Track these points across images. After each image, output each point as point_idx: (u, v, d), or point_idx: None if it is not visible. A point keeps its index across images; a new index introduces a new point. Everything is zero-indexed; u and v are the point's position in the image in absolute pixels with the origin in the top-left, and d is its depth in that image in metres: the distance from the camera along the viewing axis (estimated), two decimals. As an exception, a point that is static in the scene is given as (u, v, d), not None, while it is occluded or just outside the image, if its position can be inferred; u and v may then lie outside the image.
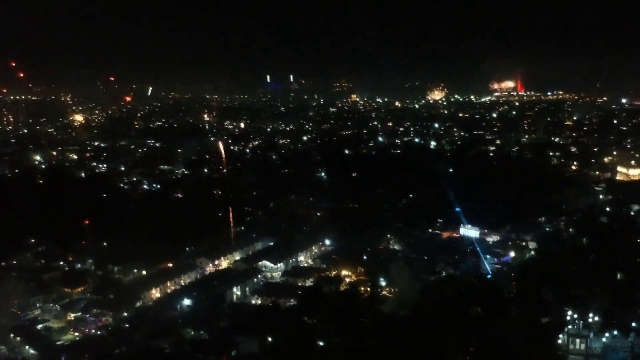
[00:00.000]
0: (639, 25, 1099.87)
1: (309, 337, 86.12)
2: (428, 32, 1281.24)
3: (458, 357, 78.08)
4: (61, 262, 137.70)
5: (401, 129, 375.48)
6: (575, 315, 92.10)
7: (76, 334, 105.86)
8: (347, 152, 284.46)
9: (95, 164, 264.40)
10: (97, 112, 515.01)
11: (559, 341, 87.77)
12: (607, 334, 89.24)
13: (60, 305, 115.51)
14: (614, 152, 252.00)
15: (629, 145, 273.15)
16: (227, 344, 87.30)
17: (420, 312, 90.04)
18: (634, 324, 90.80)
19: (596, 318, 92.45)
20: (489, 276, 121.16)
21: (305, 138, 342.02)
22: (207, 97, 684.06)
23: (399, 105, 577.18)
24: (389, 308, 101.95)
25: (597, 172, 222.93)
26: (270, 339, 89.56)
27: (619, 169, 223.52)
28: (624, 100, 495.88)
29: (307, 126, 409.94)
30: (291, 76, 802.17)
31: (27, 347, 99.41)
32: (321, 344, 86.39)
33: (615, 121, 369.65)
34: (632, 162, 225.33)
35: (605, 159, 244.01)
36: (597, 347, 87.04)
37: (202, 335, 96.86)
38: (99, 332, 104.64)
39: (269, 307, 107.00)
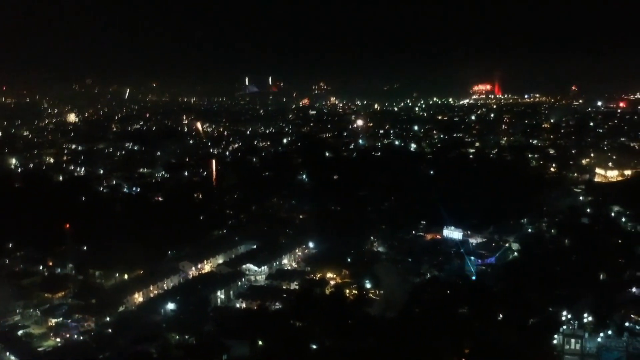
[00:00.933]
0: (611, 29, 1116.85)
1: (298, 341, 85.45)
2: (406, 35, 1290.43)
3: (452, 358, 77.90)
4: (41, 267, 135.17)
5: (381, 131, 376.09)
6: (569, 316, 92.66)
7: (58, 339, 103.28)
8: (328, 154, 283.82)
9: (73, 167, 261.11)
10: (73, 114, 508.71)
11: (554, 341, 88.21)
12: (601, 334, 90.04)
13: (40, 310, 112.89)
14: (592, 154, 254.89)
15: (605, 147, 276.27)
16: (218, 348, 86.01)
17: (409, 314, 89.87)
18: (627, 324, 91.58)
19: (590, 318, 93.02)
20: (473, 277, 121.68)
21: (285, 141, 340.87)
22: (185, 99, 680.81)
23: (378, 107, 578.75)
24: (376, 310, 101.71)
25: (575, 174, 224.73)
26: (258, 342, 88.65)
27: (597, 170, 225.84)
28: (599, 103, 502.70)
29: (286, 129, 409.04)
30: (269, 78, 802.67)
31: (7, 353, 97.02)
32: (310, 347, 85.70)
33: (591, 123, 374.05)
34: (610, 164, 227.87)
35: (583, 161, 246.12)
36: (592, 347, 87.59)
37: (187, 339, 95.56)
38: (81, 338, 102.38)
39: (255, 311, 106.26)
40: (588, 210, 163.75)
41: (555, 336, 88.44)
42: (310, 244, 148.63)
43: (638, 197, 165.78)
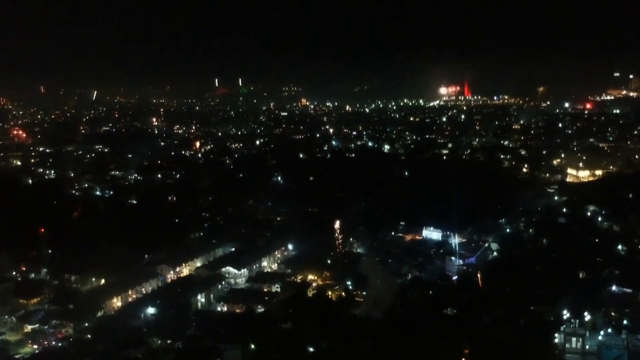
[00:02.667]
0: (575, 31, 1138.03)
1: (288, 344, 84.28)
2: (375, 37, 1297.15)
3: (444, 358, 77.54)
4: (14, 272, 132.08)
5: (354, 132, 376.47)
6: (568, 314, 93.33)
7: (35, 346, 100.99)
8: (301, 156, 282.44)
9: (42, 170, 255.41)
10: (39, 116, 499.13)
11: (556, 340, 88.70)
12: (602, 332, 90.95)
13: (16, 317, 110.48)
14: (562, 155, 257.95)
15: (575, 148, 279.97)
16: (208, 353, 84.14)
17: (396, 315, 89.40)
18: (625, 322, 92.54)
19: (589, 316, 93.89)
20: (455, 277, 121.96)
21: (258, 142, 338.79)
22: (154, 101, 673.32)
23: (350, 109, 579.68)
24: (361, 312, 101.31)
25: (548, 174, 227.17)
26: (248, 347, 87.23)
27: (569, 170, 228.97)
28: (566, 105, 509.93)
29: (258, 130, 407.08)
30: (240, 80, 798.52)
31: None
32: (301, 350, 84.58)
33: (560, 125, 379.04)
34: (580, 165, 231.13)
35: (555, 162, 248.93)
36: (592, 345, 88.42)
37: (170, 344, 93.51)
38: (59, 344, 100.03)
39: (239, 314, 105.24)
40: (564, 210, 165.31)
41: (557, 335, 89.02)
42: (290, 246, 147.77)
43: (611, 196, 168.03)
